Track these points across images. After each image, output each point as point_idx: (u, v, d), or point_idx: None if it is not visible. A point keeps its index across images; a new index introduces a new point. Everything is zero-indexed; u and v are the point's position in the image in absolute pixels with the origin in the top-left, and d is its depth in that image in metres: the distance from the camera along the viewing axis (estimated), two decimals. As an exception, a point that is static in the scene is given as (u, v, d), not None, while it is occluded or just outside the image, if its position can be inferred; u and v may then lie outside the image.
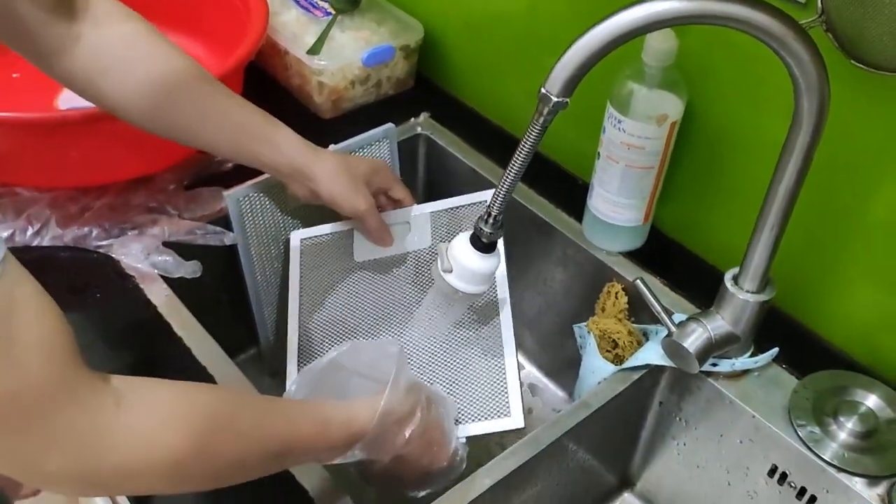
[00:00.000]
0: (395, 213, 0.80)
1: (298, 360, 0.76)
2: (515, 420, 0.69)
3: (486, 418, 0.69)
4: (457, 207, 0.80)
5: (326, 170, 0.73)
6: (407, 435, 0.60)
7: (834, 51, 0.62)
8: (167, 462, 0.45)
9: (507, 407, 0.70)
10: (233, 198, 0.80)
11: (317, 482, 0.63)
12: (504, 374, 0.72)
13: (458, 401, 0.71)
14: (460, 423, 0.69)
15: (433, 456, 0.64)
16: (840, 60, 0.62)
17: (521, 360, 1.00)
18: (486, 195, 0.80)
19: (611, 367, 0.75)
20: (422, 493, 0.66)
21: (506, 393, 0.71)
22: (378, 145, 0.87)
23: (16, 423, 0.40)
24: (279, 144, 0.73)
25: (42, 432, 0.41)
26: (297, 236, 0.83)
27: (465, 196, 0.80)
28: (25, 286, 0.41)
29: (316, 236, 0.82)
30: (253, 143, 0.72)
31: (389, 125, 0.88)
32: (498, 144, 0.95)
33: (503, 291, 0.75)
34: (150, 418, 0.45)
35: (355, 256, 0.80)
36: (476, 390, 0.71)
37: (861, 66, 0.62)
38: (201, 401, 0.49)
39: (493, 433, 0.69)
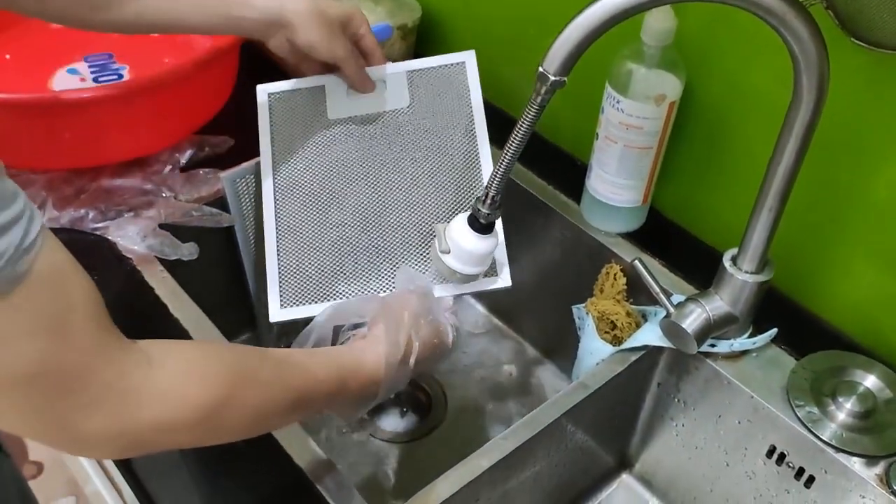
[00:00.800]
0: (369, 71, 0.77)
1: (277, 238, 0.73)
2: (503, 279, 0.72)
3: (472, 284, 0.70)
4: (434, 68, 0.78)
5: (301, 15, 0.71)
6: (412, 364, 0.63)
7: (834, 28, 0.61)
8: (200, 414, 0.47)
9: (494, 267, 0.71)
10: (229, 179, 0.79)
11: (308, 457, 0.63)
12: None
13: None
14: (450, 282, 0.70)
15: (440, 353, 0.68)
16: (840, 38, 0.61)
17: (520, 340, 1.00)
18: (465, 56, 0.78)
19: (609, 349, 0.75)
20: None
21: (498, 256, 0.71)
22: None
23: (57, 386, 0.42)
24: None
25: (81, 393, 0.42)
26: (264, 90, 0.78)
27: (442, 56, 0.78)
28: (60, 253, 0.42)
29: (285, 91, 0.78)
30: (220, 3, 0.70)
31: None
32: (496, 125, 0.94)
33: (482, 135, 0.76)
34: (181, 374, 0.47)
35: (329, 114, 0.76)
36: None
37: (861, 43, 0.61)
38: (226, 356, 0.52)
39: (482, 291, 0.72)
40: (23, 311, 0.40)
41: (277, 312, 0.72)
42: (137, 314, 0.75)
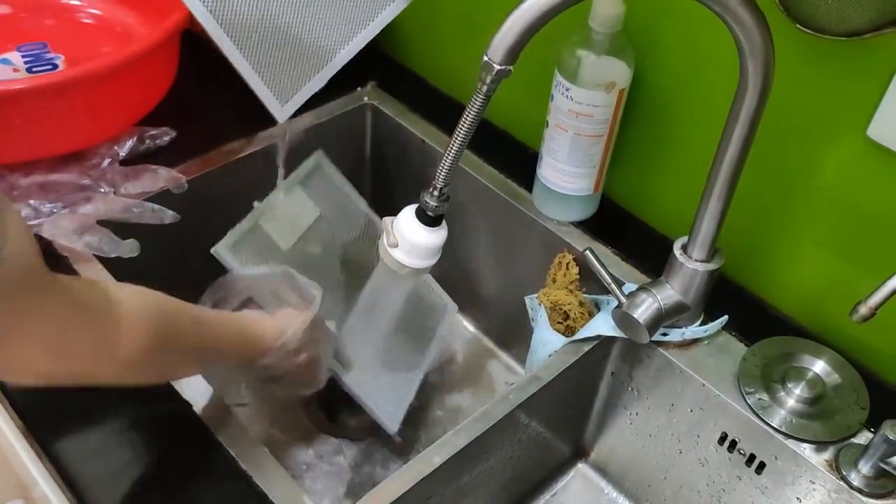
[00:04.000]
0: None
1: (240, 49, 0.81)
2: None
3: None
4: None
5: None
6: (298, 360, 0.70)
7: (779, 15, 0.61)
8: (140, 352, 0.54)
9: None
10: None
11: (273, 481, 0.61)
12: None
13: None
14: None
15: (308, 378, 0.74)
16: (785, 25, 0.61)
17: (473, 331, 0.99)
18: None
19: (562, 340, 0.74)
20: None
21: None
22: (317, 173, 0.86)
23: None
24: None
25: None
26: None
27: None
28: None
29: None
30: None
31: (318, 152, 0.86)
32: (447, 113, 0.93)
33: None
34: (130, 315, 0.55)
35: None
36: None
37: (806, 30, 0.61)
38: (158, 303, 0.59)
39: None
40: None
41: (282, 112, 0.84)
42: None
